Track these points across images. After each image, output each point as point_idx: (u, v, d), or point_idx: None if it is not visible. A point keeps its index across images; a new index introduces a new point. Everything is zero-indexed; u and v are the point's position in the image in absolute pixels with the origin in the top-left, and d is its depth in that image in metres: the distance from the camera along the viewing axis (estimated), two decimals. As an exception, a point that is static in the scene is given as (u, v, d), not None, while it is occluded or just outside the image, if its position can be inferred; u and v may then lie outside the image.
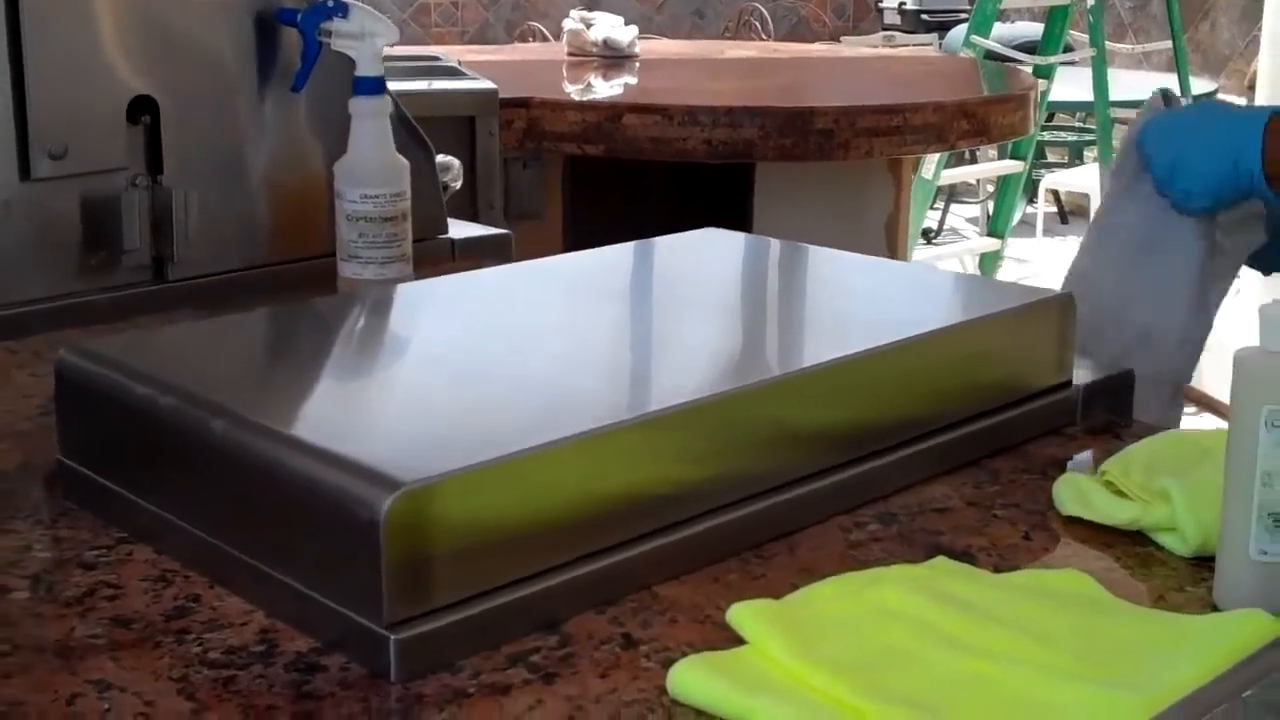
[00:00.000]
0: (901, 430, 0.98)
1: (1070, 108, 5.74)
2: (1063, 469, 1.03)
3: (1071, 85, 5.15)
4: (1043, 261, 5.88)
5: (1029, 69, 4.62)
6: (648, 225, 3.41)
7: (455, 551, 0.75)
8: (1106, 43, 4.85)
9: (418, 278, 1.41)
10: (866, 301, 1.09)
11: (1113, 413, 1.13)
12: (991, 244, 5.11)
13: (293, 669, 0.75)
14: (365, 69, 1.39)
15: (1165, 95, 1.48)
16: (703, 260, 1.19)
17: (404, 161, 1.40)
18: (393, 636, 0.73)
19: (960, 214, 6.64)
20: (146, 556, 0.87)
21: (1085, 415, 1.11)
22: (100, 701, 0.72)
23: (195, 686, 0.73)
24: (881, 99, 3.00)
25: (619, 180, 3.07)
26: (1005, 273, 5.47)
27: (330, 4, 1.40)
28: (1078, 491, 0.95)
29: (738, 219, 3.04)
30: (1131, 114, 5.36)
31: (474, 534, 0.76)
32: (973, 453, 1.03)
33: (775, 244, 1.22)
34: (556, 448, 0.79)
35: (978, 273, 5.13)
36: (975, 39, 4.71)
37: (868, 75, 3.66)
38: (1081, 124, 6.39)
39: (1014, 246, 5.57)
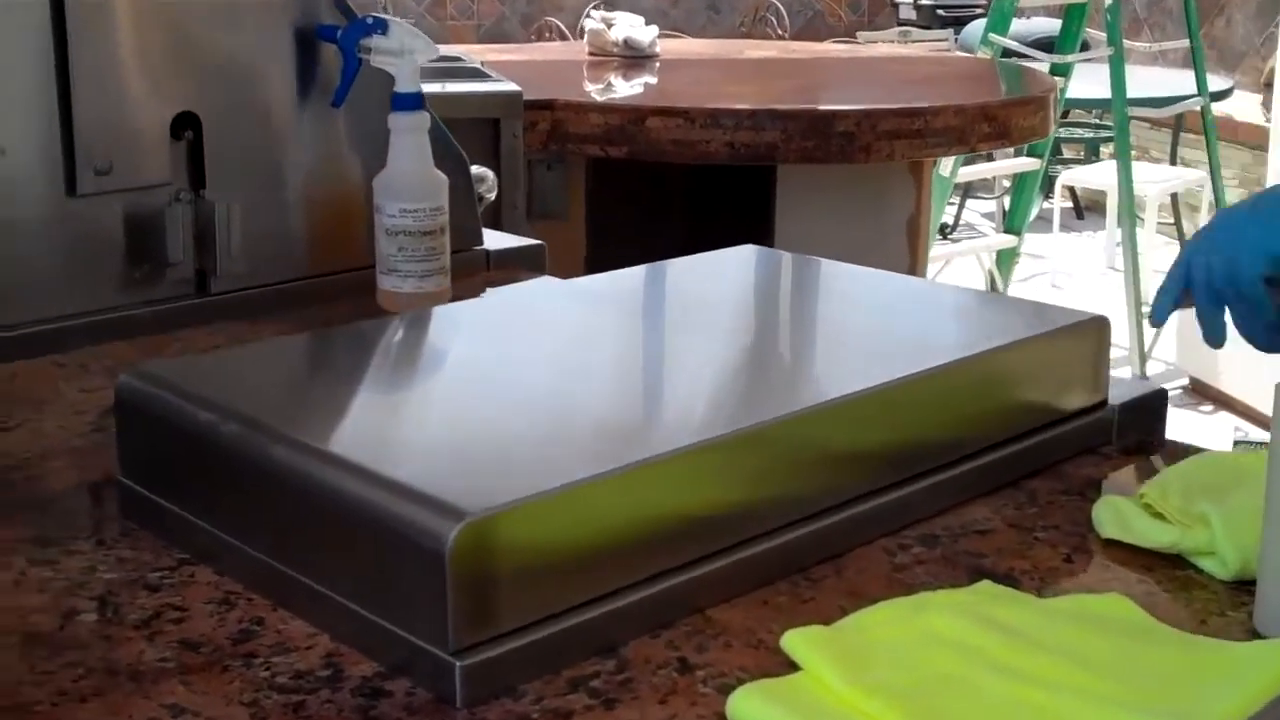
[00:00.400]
0: (943, 452, 1.00)
1: (1087, 104, 5.74)
2: (1099, 489, 1.05)
3: (1088, 82, 5.16)
4: (1059, 257, 5.89)
5: (1046, 67, 4.64)
6: (669, 226, 3.44)
7: (517, 578, 0.77)
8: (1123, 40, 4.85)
9: (454, 289, 1.43)
10: (907, 324, 1.10)
11: (1147, 432, 1.15)
12: (1008, 240, 5.12)
13: (359, 694, 0.77)
14: (404, 85, 1.41)
15: None
16: (742, 280, 1.21)
17: (442, 176, 1.42)
18: (458, 663, 0.75)
19: (976, 209, 6.65)
20: (209, 578, 0.89)
21: (1120, 434, 1.13)
22: (174, 726, 0.74)
23: (267, 711, 0.75)
24: (902, 101, 3.02)
25: (640, 181, 3.09)
26: (1022, 269, 5.48)
27: (370, 20, 1.42)
28: (1117, 514, 0.97)
29: (759, 220, 3.06)
30: (1149, 112, 5.38)
31: (535, 561, 0.78)
32: (1011, 474, 1.05)
33: (813, 262, 1.23)
34: (614, 476, 0.80)
35: (995, 269, 5.14)
36: (993, 37, 4.72)
37: (887, 76, 3.68)
38: (1098, 120, 6.39)
39: (1030, 242, 5.58)
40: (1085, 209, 6.75)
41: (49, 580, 0.89)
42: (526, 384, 0.97)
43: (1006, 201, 5.66)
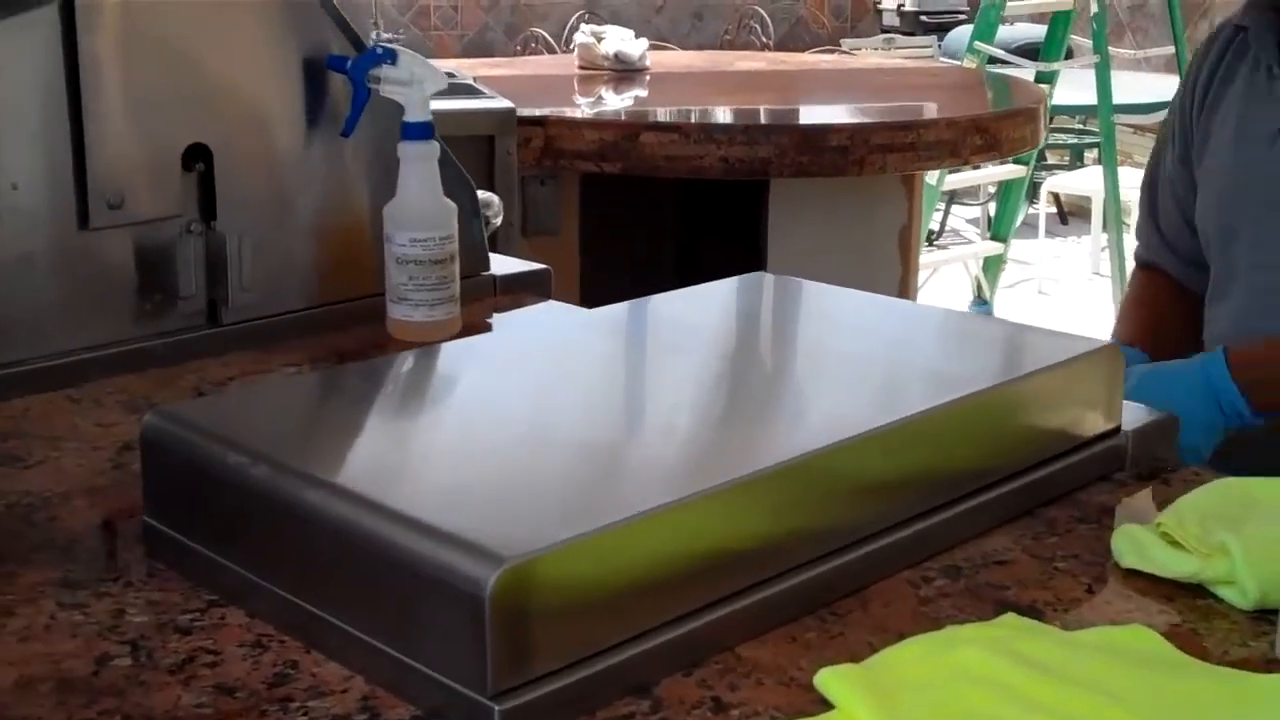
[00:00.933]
0: (963, 483, 1.01)
1: (1071, 111, 5.77)
2: (1114, 516, 1.06)
3: (1072, 88, 5.19)
4: (1045, 264, 5.91)
5: (1031, 74, 4.66)
6: (661, 240, 3.45)
7: (553, 621, 0.78)
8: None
9: (463, 316, 1.44)
10: (925, 355, 1.11)
11: (1160, 457, 1.16)
12: (995, 248, 5.14)
13: (398, 738, 0.77)
14: (414, 114, 1.41)
15: None
16: (755, 311, 1.22)
17: (451, 205, 1.43)
18: (497, 707, 0.75)
19: (961, 215, 6.67)
20: (240, 620, 0.89)
21: (1133, 460, 1.14)
22: (217, 774, 0.74)
23: (307, 758, 0.75)
24: (893, 115, 3.03)
25: (632, 195, 3.10)
26: (1008, 275, 5.50)
27: (379, 50, 1.43)
28: (1136, 544, 0.98)
29: (751, 233, 3.07)
30: (1135, 119, 5.40)
31: (569, 603, 0.78)
32: (1029, 503, 1.06)
33: (827, 290, 1.24)
34: (647, 517, 0.81)
35: (981, 276, 5.16)
36: (979, 45, 4.74)
37: (876, 88, 3.69)
38: (1082, 125, 6.42)
39: (1016, 248, 5.60)
40: (1069, 214, 6.78)
41: (80, 625, 0.89)
42: (551, 423, 0.97)
43: (991, 208, 5.68)
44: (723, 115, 3.11)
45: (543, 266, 1.66)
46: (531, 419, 0.99)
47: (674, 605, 0.84)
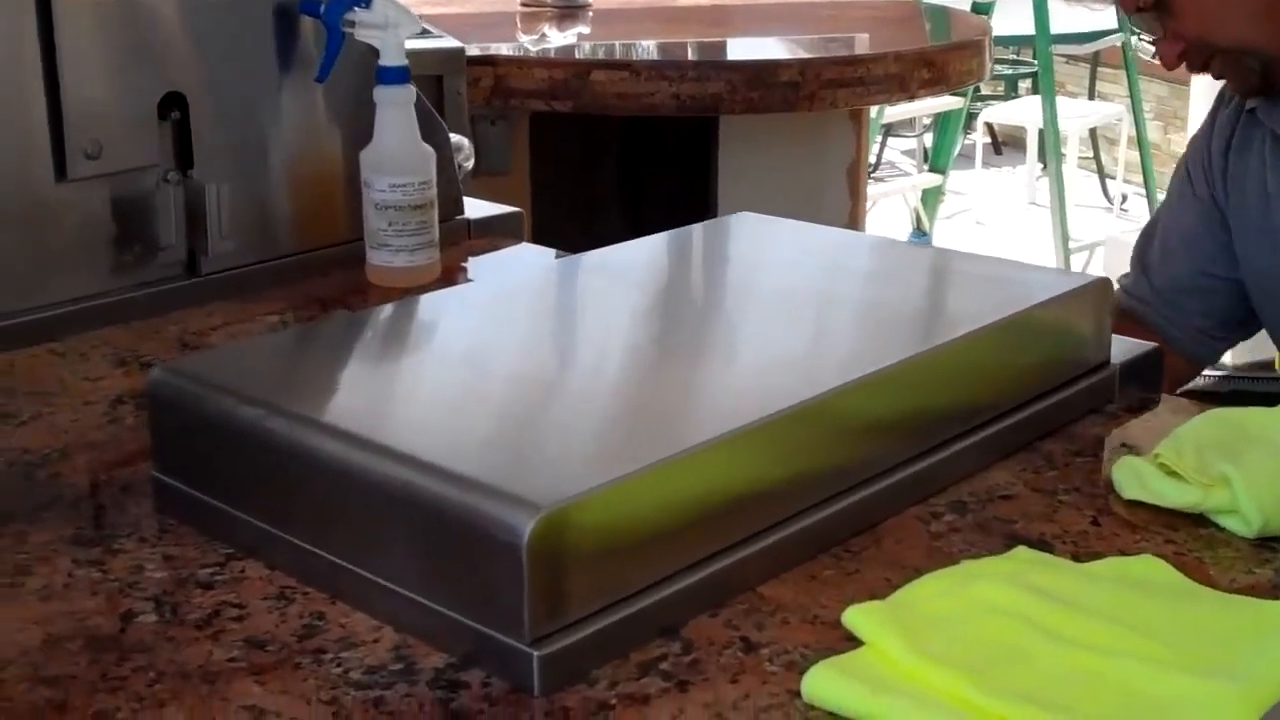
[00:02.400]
0: (965, 420, 1.02)
1: (1008, 42, 5.79)
2: (1104, 447, 1.08)
3: (1008, 18, 5.20)
4: (981, 194, 5.95)
5: (968, 6, 4.67)
6: (609, 177, 3.43)
7: (586, 566, 0.78)
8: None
9: (442, 261, 1.44)
10: (920, 294, 1.12)
11: (1147, 388, 1.18)
12: (934, 179, 5.17)
13: (436, 686, 0.78)
14: (389, 59, 1.40)
15: None
16: (745, 252, 1.22)
17: (429, 149, 1.42)
18: (536, 653, 0.76)
19: (896, 147, 6.69)
20: (260, 573, 0.89)
21: (1122, 393, 1.16)
22: (260, 727, 0.74)
23: (349, 709, 0.76)
24: (839, 49, 3.04)
25: (580, 132, 3.08)
26: (945, 207, 5.54)
27: (353, -6, 1.41)
28: (1136, 476, 1.00)
29: (700, 170, 3.07)
30: (1071, 49, 5.43)
31: (601, 548, 0.79)
32: (1026, 437, 1.07)
33: (812, 229, 1.25)
34: (673, 461, 0.82)
35: (920, 208, 5.19)
36: (916, -23, 4.73)
37: (818, 21, 3.68)
38: (1015, 56, 6.45)
39: (952, 179, 5.63)
40: (1003, 144, 6.82)
41: (99, 582, 0.89)
42: (565, 368, 0.98)
43: (927, 139, 5.71)
44: (672, 53, 3.10)
45: (515, 209, 1.66)
46: (541, 366, 0.99)
47: (699, 547, 0.84)
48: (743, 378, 0.96)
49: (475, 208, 1.63)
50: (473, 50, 2.76)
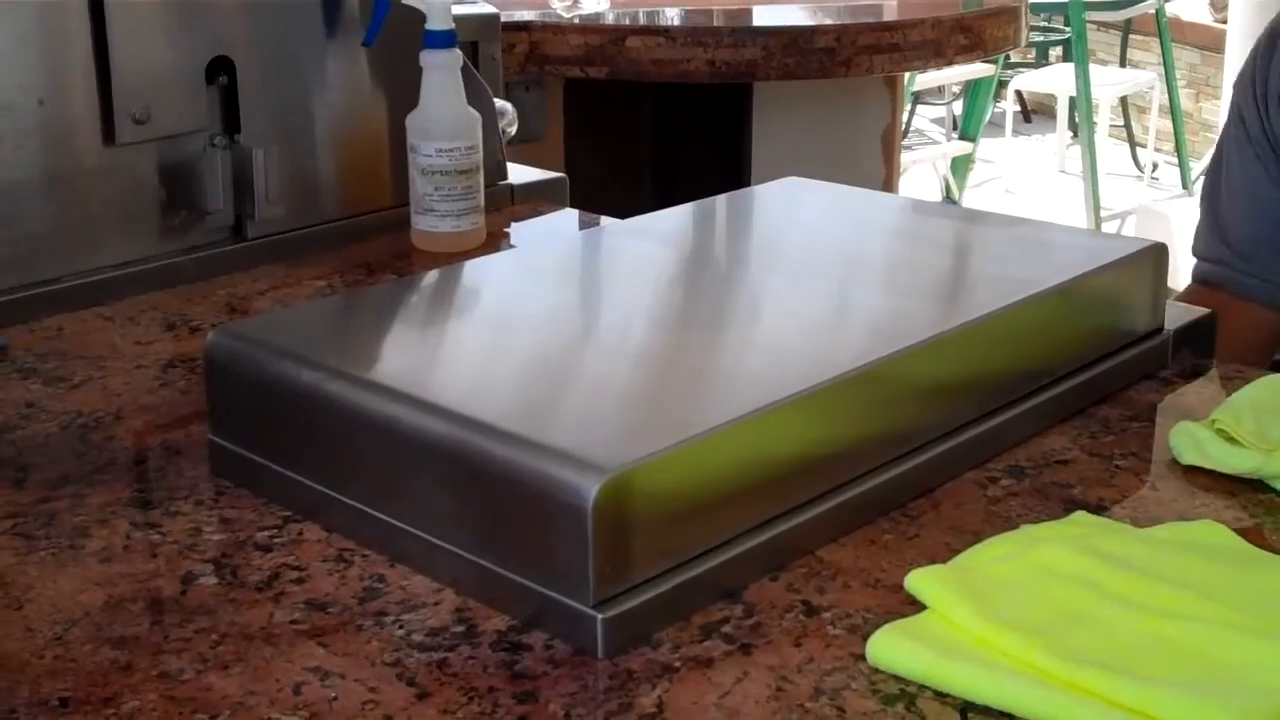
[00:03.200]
0: (1022, 384, 1.02)
1: (1039, 9, 5.75)
2: (1159, 413, 1.07)
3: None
4: (1010, 161, 5.92)
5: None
6: (643, 145, 3.42)
7: (651, 530, 0.78)
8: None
9: (487, 226, 1.43)
10: (979, 258, 1.12)
11: (1201, 354, 1.17)
12: (964, 147, 5.15)
13: (499, 648, 0.78)
14: (436, 22, 1.40)
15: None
16: (797, 215, 1.22)
17: (475, 114, 1.41)
18: (600, 616, 0.76)
19: (925, 115, 6.66)
20: (318, 536, 0.90)
21: (1175, 358, 1.15)
22: (325, 690, 0.74)
23: (412, 671, 0.76)
24: (875, 14, 3.02)
25: (614, 99, 3.08)
26: (975, 175, 5.51)
27: (399, -42, 1.41)
28: (1194, 441, 0.99)
29: (734, 135, 3.06)
30: (1104, 15, 5.40)
31: (666, 512, 0.79)
32: (1081, 402, 1.07)
33: (859, 193, 1.24)
34: (736, 424, 0.82)
35: (949, 176, 5.17)
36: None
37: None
38: (1046, 24, 6.40)
39: (982, 147, 5.61)
40: (1032, 112, 6.78)
41: (158, 545, 0.89)
42: (621, 331, 0.98)
43: (956, 107, 5.68)
44: (707, 19, 3.08)
45: (559, 175, 1.65)
46: (596, 330, 0.99)
47: (759, 510, 0.84)
48: (801, 342, 0.96)
49: (518, 173, 1.63)
50: (507, 16, 2.76)
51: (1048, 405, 1.04)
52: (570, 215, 1.60)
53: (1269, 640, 0.75)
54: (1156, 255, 1.12)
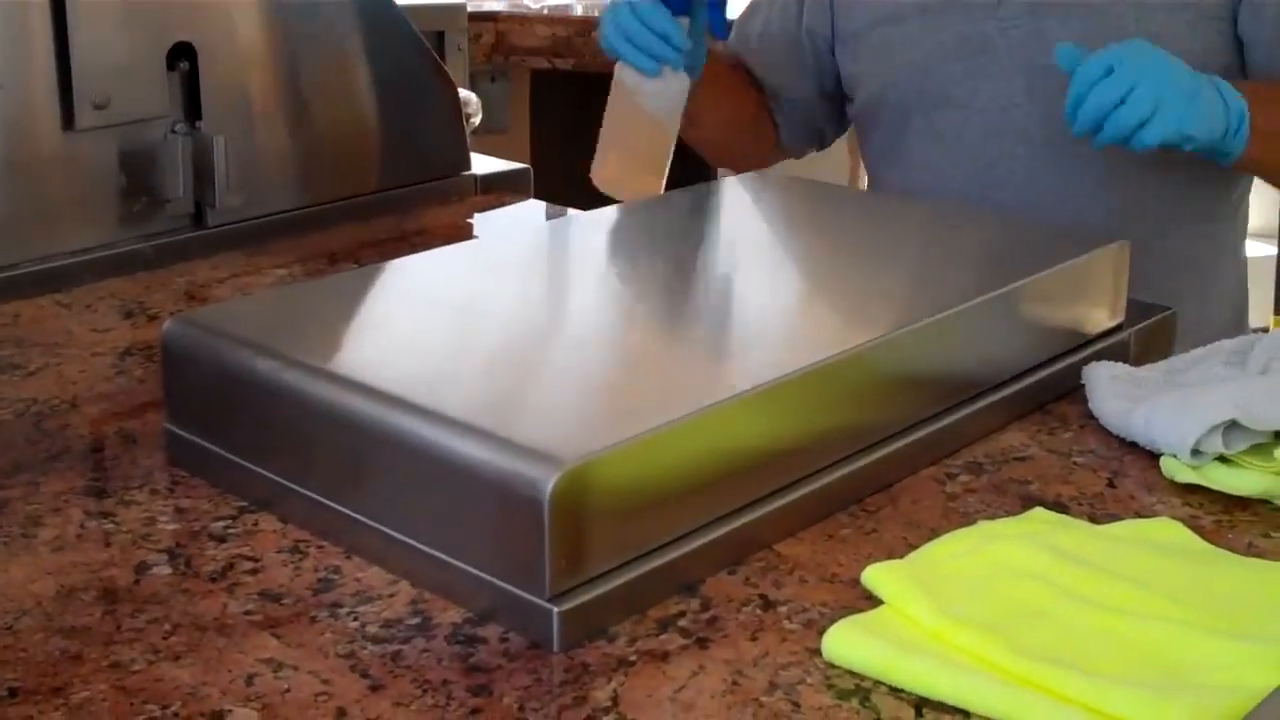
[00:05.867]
0: (980, 381, 1.02)
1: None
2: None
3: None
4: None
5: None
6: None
7: (607, 523, 0.78)
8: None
9: (444, 215, 1.43)
10: (940, 253, 1.12)
11: (1160, 352, 1.17)
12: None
13: (454, 641, 0.77)
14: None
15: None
16: (759, 210, 1.22)
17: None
18: (555, 609, 0.76)
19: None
20: (274, 527, 0.89)
21: (1135, 357, 1.15)
22: (278, 681, 0.74)
23: (365, 663, 0.75)
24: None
25: (579, 91, 3.07)
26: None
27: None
28: (1188, 465, 0.96)
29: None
30: None
31: (623, 505, 0.78)
32: (1040, 399, 1.07)
33: (823, 188, 1.24)
34: (694, 418, 0.81)
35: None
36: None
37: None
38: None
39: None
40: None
41: (112, 534, 0.88)
42: (581, 324, 0.97)
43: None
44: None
45: (523, 166, 1.65)
46: (557, 322, 0.98)
47: (717, 504, 0.84)
48: (761, 336, 0.95)
49: (483, 164, 1.62)
50: (474, 6, 2.75)
51: (1007, 402, 1.04)
52: (535, 206, 1.60)
53: (1223, 638, 0.75)
54: (1118, 253, 1.12)
